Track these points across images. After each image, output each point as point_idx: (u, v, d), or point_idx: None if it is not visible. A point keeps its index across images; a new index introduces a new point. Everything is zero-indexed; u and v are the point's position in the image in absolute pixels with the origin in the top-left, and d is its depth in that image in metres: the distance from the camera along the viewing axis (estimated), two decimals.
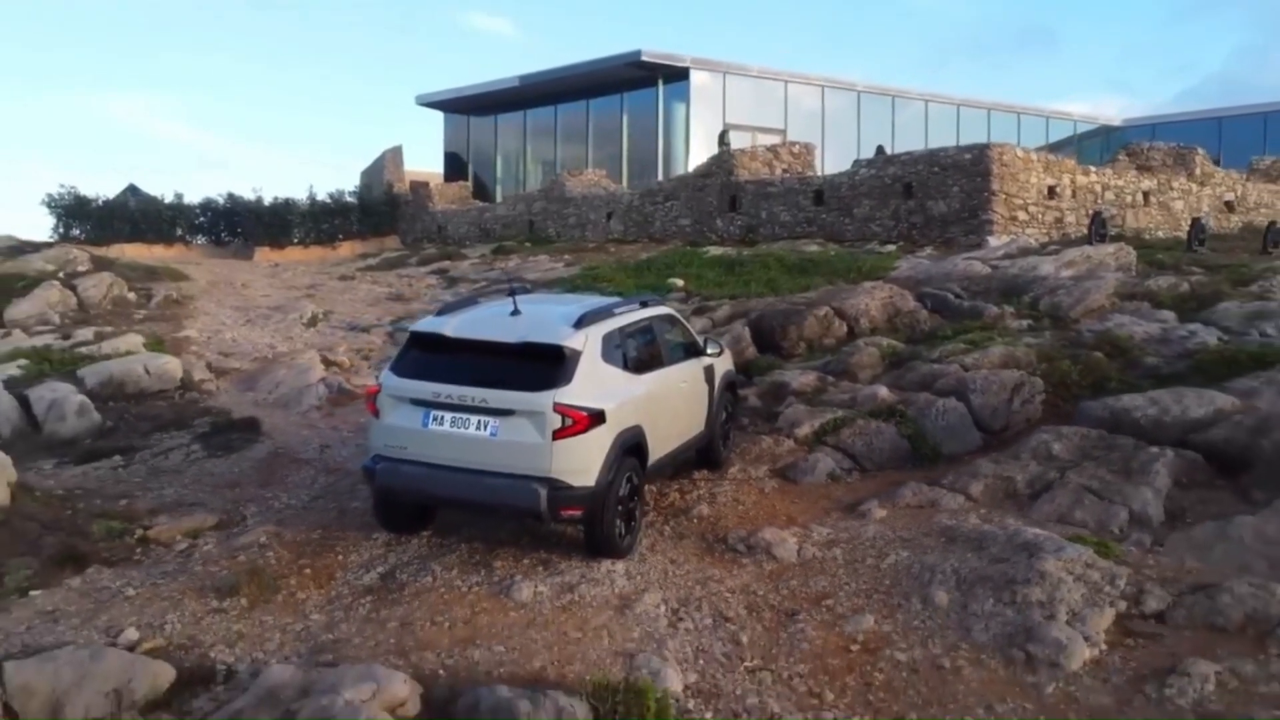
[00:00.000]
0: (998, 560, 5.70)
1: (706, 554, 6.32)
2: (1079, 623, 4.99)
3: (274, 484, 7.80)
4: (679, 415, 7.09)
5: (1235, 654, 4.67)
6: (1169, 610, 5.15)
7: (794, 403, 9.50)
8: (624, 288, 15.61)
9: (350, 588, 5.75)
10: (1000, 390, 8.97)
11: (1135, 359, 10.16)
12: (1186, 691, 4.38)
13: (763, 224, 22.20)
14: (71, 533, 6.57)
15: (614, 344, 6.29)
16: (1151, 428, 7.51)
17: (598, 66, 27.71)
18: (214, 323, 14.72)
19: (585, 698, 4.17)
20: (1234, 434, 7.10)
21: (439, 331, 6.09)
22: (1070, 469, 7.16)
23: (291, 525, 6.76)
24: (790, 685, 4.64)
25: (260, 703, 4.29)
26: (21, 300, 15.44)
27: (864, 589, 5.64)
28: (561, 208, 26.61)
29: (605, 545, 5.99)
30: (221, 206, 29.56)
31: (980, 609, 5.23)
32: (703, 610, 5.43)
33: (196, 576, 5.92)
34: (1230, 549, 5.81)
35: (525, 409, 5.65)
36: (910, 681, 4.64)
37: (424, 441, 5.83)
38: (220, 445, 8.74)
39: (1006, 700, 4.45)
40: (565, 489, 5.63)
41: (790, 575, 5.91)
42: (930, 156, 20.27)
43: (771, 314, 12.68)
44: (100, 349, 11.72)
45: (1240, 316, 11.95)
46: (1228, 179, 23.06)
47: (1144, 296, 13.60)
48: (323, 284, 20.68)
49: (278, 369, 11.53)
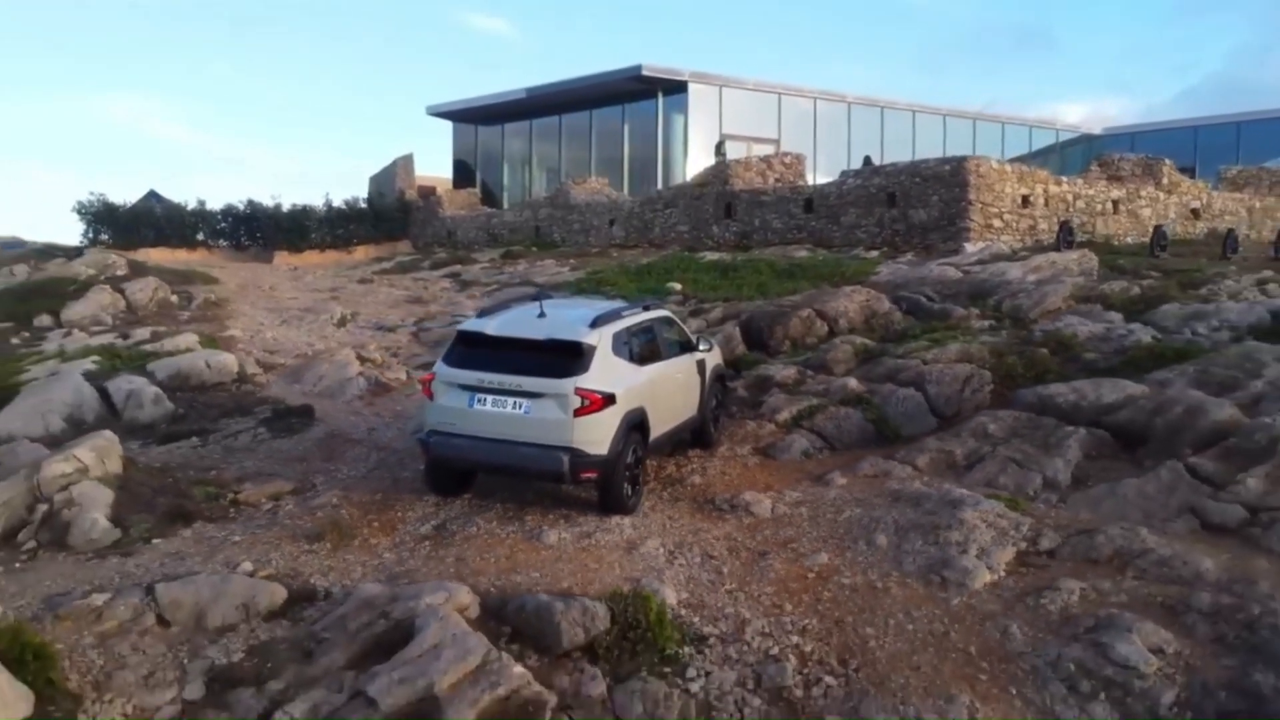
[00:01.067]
0: (929, 513, 7.12)
1: (697, 512, 7.75)
2: (985, 556, 6.42)
3: (334, 459, 9.24)
4: (675, 400, 8.52)
5: (1100, 576, 6.11)
6: (1058, 548, 6.59)
7: (776, 392, 10.93)
8: (626, 291, 17.03)
9: (411, 535, 7.19)
10: (953, 381, 10.41)
11: (1076, 355, 11.59)
12: (1056, 601, 5.80)
13: (756, 230, 23.63)
14: (176, 495, 8.00)
15: (622, 341, 7.72)
16: (1071, 411, 8.95)
17: (600, 79, 29.17)
18: (253, 323, 16.15)
19: (604, 602, 5.59)
20: (1135, 415, 8.55)
21: (481, 330, 7.53)
22: (1001, 444, 8.60)
23: (355, 490, 8.20)
24: (759, 600, 6.06)
25: (359, 609, 5.71)
26: (76, 302, 16.89)
27: (822, 536, 7.07)
28: (566, 214, 28.04)
29: (615, 503, 7.42)
30: (242, 212, 31.02)
31: (911, 548, 6.66)
32: (693, 551, 6.86)
33: (286, 528, 7.34)
34: (1116, 504, 7.24)
35: (552, 392, 7.08)
36: (851, 597, 6.07)
37: (470, 419, 7.26)
38: (282, 428, 10.18)
39: (922, 609, 5.88)
40: (584, 456, 7.06)
41: (764, 527, 7.34)
42: (912, 168, 21.71)
43: (760, 315, 14.11)
44: (162, 347, 13.16)
45: (1178, 317, 13.39)
46: (1194, 188, 24.49)
47: (1097, 299, 15.03)
48: (344, 287, 22.11)
49: (319, 364, 12.96)
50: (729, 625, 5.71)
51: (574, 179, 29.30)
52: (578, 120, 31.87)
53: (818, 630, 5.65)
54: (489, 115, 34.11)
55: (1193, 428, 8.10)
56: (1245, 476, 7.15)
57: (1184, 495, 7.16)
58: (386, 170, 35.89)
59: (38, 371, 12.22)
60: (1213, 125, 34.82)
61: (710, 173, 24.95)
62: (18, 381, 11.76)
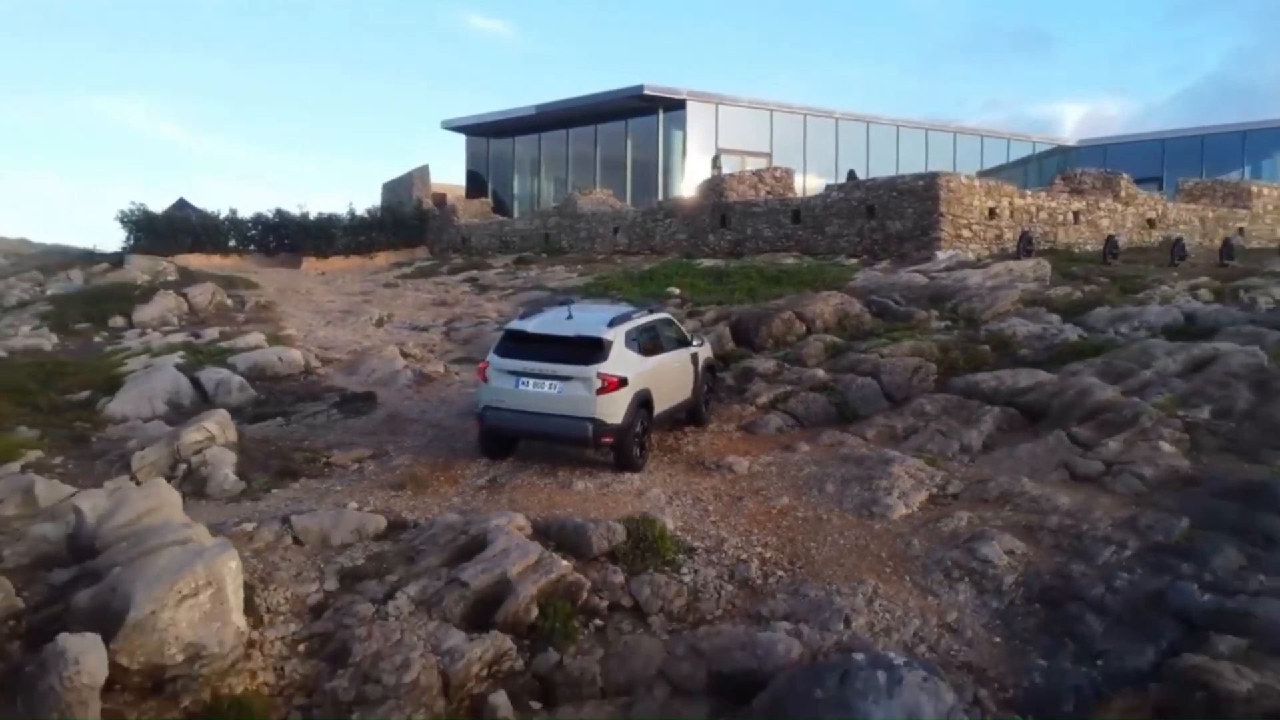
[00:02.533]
0: (868, 469, 9.31)
1: (691, 470, 9.94)
2: (904, 497, 8.61)
3: (398, 434, 11.43)
4: (673, 385, 10.71)
5: (985, 510, 8.29)
6: (960, 492, 8.78)
7: (758, 381, 13.12)
8: (631, 295, 19.21)
9: (471, 486, 9.38)
10: (904, 372, 12.59)
11: (1012, 350, 13.78)
12: (949, 525, 7.99)
13: (749, 239, 25.83)
14: (282, 459, 10.19)
15: (632, 337, 9.90)
16: (991, 394, 11.14)
17: (605, 97, 31.40)
18: (304, 324, 18.34)
19: (622, 524, 7.77)
20: (1040, 397, 10.75)
21: (524, 329, 9.73)
22: (933, 420, 10.79)
23: (422, 455, 10.39)
24: (734, 527, 8.24)
25: (444, 530, 7.88)
26: (144, 306, 19.08)
27: (785, 486, 9.26)
28: (573, 223, 30.25)
29: (627, 462, 9.61)
30: (271, 220, 33.25)
31: (850, 493, 8.85)
32: (687, 496, 9.04)
33: (373, 481, 9.54)
34: (1012, 462, 9.43)
35: (579, 376, 9.26)
36: (801, 525, 8.25)
37: (515, 397, 9.45)
38: (351, 410, 12.37)
39: (852, 531, 8.06)
40: (603, 425, 9.24)
41: (741, 480, 9.53)
42: (889, 183, 23.92)
43: (748, 316, 16.30)
44: (235, 344, 15.35)
45: (1106, 319, 15.58)
46: (1149, 199, 26.69)
47: (1042, 303, 17.22)
48: (374, 291, 24.31)
49: (370, 359, 15.15)
50: (711, 542, 7.90)
51: (580, 189, 31.51)
52: (583, 134, 34.11)
53: (775, 545, 7.84)
54: (500, 129, 36.36)
55: (1080, 405, 10.31)
56: (1109, 440, 9.36)
57: (1062, 455, 9.36)
58: (402, 179, 38.10)
59: (134, 365, 14.42)
60: (1179, 138, 37.03)
61: (707, 186, 27.15)
62: (120, 373, 13.96)
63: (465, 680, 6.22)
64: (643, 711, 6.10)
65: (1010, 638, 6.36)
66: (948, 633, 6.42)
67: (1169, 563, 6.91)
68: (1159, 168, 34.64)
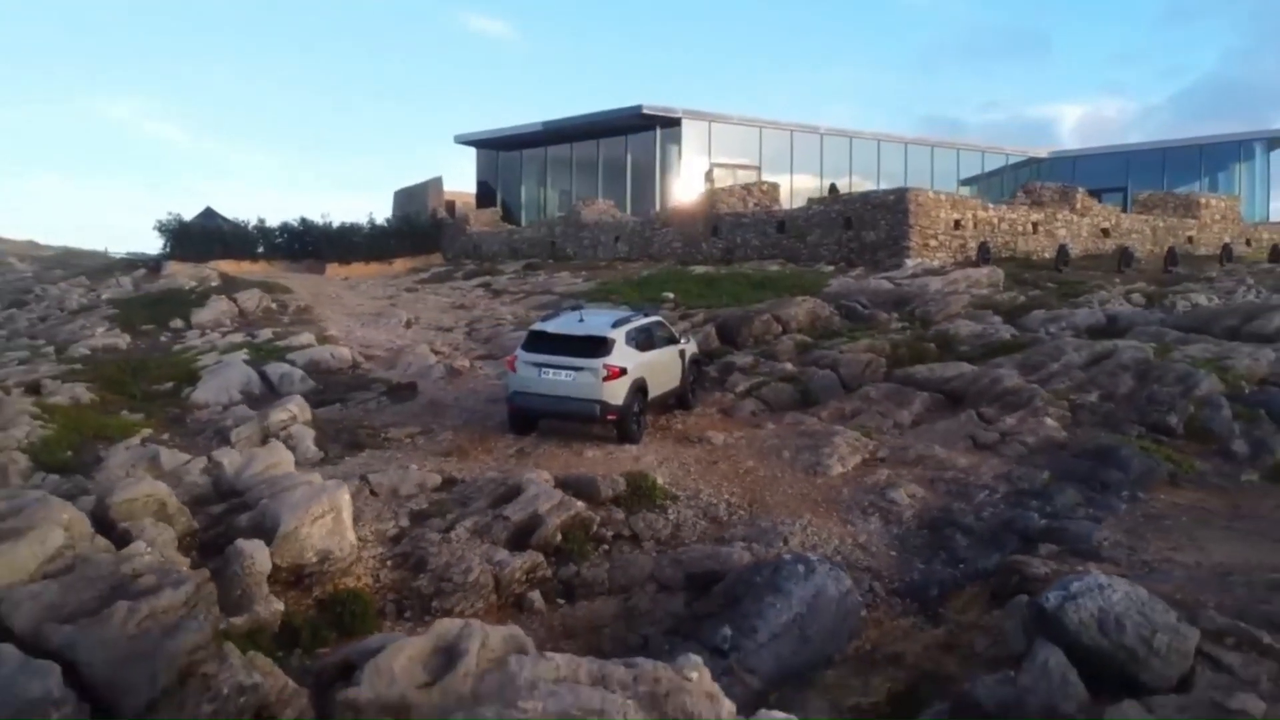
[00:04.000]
0: (817, 440, 11.78)
1: (678, 443, 12.41)
2: (842, 461, 11.07)
3: (439, 416, 13.90)
4: (664, 375, 13.17)
5: (902, 468, 10.76)
6: (886, 457, 11.25)
7: (737, 374, 15.58)
8: (630, 299, 21.65)
9: (504, 454, 11.85)
10: (858, 365, 15.06)
11: (954, 347, 16.24)
12: (872, 478, 10.45)
13: (738, 247, 28.31)
14: (349, 434, 12.67)
15: (631, 336, 12.37)
16: (924, 382, 13.62)
17: (606, 116, 33.90)
18: (342, 326, 20.82)
19: (623, 478, 10.24)
20: (961, 384, 13.23)
21: (544, 329, 12.21)
22: (875, 404, 13.27)
23: (461, 432, 12.86)
24: (709, 483, 10.71)
25: (488, 482, 10.35)
26: (200, 309, 21.56)
27: (752, 453, 11.72)
28: (577, 231, 32.74)
29: (627, 435, 12.07)
30: (296, 229, 35.73)
31: (801, 458, 11.31)
32: (674, 462, 11.50)
33: (425, 451, 12.01)
34: (931, 435, 11.91)
35: (589, 367, 11.72)
36: (761, 481, 10.72)
37: (538, 383, 11.92)
38: (397, 398, 14.85)
39: (799, 484, 10.52)
40: (608, 405, 11.70)
41: (718, 450, 11.99)
42: (864, 197, 26.42)
43: (731, 318, 18.78)
44: (290, 343, 17.82)
45: (1041, 320, 18.07)
46: (1104, 210, 29.17)
47: (990, 306, 19.71)
48: (397, 296, 26.79)
49: (406, 355, 17.63)
50: (691, 492, 10.37)
51: (584, 200, 34.01)
52: (586, 149, 36.62)
53: (739, 494, 10.32)
54: (509, 143, 38.88)
55: (991, 391, 12.79)
56: (1006, 417, 11.84)
57: (969, 428, 11.84)
58: (416, 189, 40.63)
59: (206, 360, 16.90)
60: (1142, 151, 39.53)
61: (700, 199, 29.64)
62: (196, 367, 16.44)
63: (510, 582, 8.69)
64: (638, 603, 8.56)
65: (902, 551, 8.84)
66: (858, 548, 8.89)
67: (1025, 501, 9.39)
68: (1124, 179, 37.07)
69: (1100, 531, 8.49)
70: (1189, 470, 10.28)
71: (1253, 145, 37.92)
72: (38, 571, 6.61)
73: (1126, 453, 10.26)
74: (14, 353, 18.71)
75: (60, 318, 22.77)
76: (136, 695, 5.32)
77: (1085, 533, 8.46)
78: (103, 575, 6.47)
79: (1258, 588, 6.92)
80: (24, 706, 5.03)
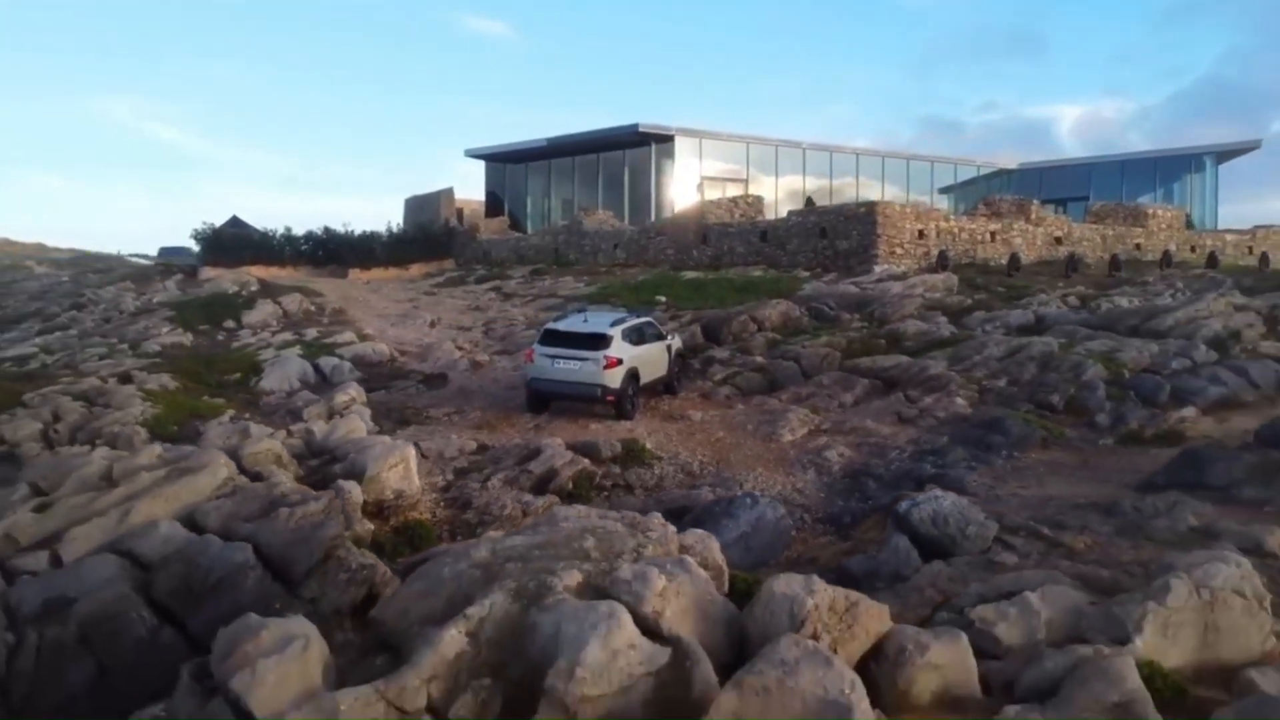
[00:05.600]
0: (775, 416, 14.72)
1: (665, 420, 15.35)
2: (792, 431, 14.02)
3: (468, 400, 16.83)
4: (653, 365, 16.12)
5: (839, 436, 13.70)
6: (828, 429, 14.19)
7: (715, 366, 18.52)
8: (628, 301, 24.59)
9: (524, 428, 14.79)
10: (816, 358, 18.00)
11: (900, 343, 19.18)
12: (813, 444, 13.40)
13: (725, 254, 31.25)
14: (398, 413, 15.61)
15: (626, 333, 15.31)
16: (866, 371, 16.57)
17: (605, 133, 36.89)
18: (375, 326, 23.76)
19: (620, 442, 13.19)
20: (895, 372, 16.18)
21: (556, 328, 15.17)
22: (826, 389, 16.21)
23: (488, 412, 15.80)
24: (687, 448, 13.65)
25: (514, 447, 13.29)
26: (249, 311, 24.50)
27: (723, 427, 14.67)
28: (579, 239, 35.68)
29: (623, 414, 15.02)
30: (320, 236, 38.69)
31: (761, 430, 14.25)
32: (660, 433, 14.44)
33: (461, 425, 14.95)
34: (867, 411, 14.85)
35: (592, 358, 14.67)
36: (728, 446, 13.66)
37: (552, 371, 14.86)
38: (431, 386, 17.78)
39: (757, 448, 13.46)
40: (608, 388, 14.65)
41: (696, 425, 14.93)
42: (838, 209, 29.36)
43: (714, 319, 21.72)
44: (335, 341, 20.75)
45: (980, 320, 21.00)
46: (1057, 221, 32.10)
47: (940, 308, 22.63)
48: (417, 299, 29.72)
49: (434, 351, 20.57)
50: (672, 454, 13.30)
51: (585, 210, 36.96)
52: (588, 162, 39.61)
53: (710, 455, 13.26)
54: (515, 157, 41.87)
55: (919, 377, 15.74)
56: (926, 397, 14.79)
57: (896, 406, 14.79)
58: (428, 198, 43.63)
59: (266, 355, 19.83)
60: (1103, 163, 42.52)
61: (691, 210, 32.58)
62: (258, 361, 19.37)
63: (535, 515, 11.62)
64: None
65: (828, 494, 11.78)
66: (795, 492, 11.83)
67: (925, 458, 12.34)
68: (1086, 189, 40.02)
69: (972, 476, 11.44)
70: (1059, 436, 13.23)
71: (1203, 159, 40.88)
72: (213, 494, 9.62)
73: (1009, 423, 13.21)
74: (93, 349, 21.64)
75: (122, 319, 25.70)
76: (300, 565, 8.21)
77: (961, 477, 11.40)
78: (259, 495, 9.43)
79: (1064, 508, 9.89)
80: (232, 569, 7.95)
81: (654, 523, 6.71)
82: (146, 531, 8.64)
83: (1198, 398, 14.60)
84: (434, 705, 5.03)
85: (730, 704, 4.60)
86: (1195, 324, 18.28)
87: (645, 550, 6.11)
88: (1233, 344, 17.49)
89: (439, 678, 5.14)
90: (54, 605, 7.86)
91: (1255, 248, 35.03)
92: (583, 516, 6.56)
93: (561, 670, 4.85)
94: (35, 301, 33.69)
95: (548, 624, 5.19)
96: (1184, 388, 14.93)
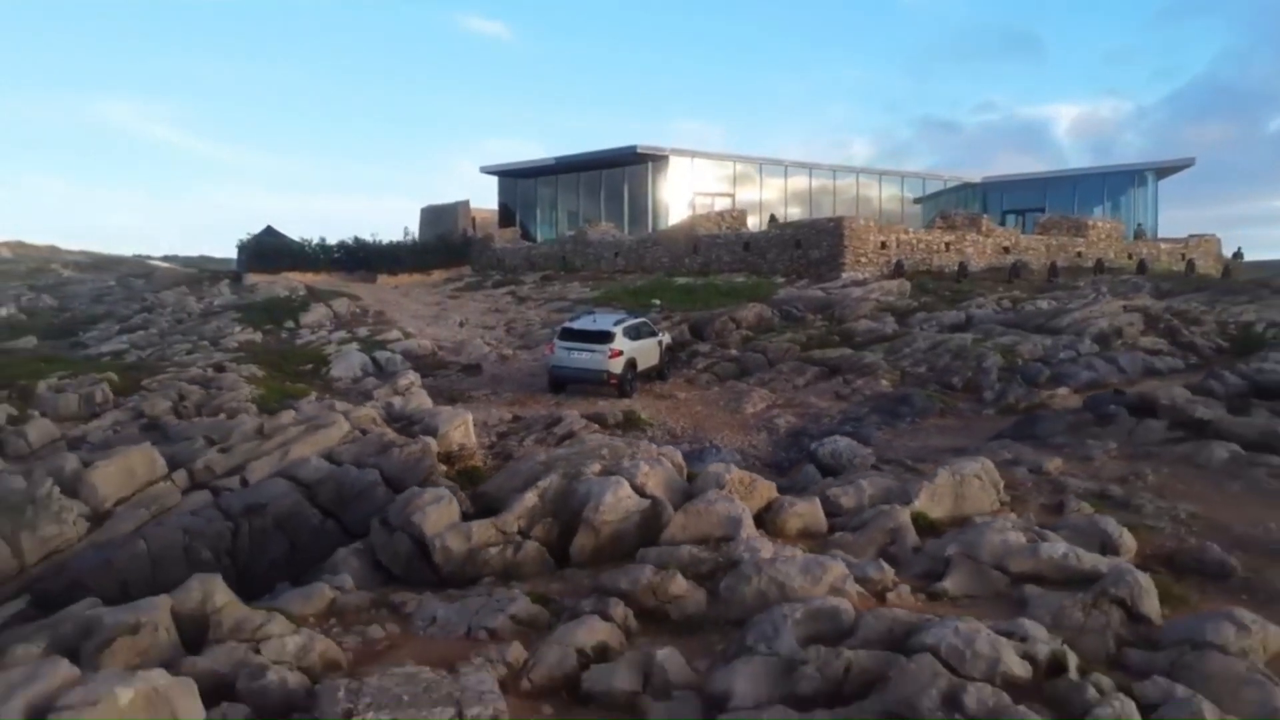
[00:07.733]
0: (741, 395, 18.99)
1: (656, 399, 19.62)
2: (754, 405, 18.28)
3: (500, 385, 21.09)
4: (648, 356, 20.39)
5: (789, 409, 17.97)
6: (781, 405, 18.46)
7: (699, 358, 22.79)
8: (627, 304, 28.83)
9: (547, 403, 19.07)
10: (779, 351, 22.27)
11: (852, 339, 23.44)
12: (769, 415, 17.66)
13: (713, 262, 35.51)
14: (447, 394, 19.87)
15: (626, 331, 19.58)
16: (818, 360, 20.85)
17: (607, 153, 41.22)
18: (414, 325, 28.01)
19: (622, 412, 17.45)
20: (839, 361, 20.44)
21: (571, 326, 19.47)
22: (784, 375, 20.48)
23: (518, 394, 20.07)
24: (673, 417, 17.89)
25: (540, 418, 17.55)
26: (305, 313, 28.72)
27: (701, 403, 18.94)
28: (584, 247, 39.94)
29: (624, 394, 19.30)
30: (351, 245, 42.94)
31: (730, 405, 18.52)
32: (652, 408, 18.70)
33: (496, 402, 19.22)
34: (814, 391, 19.12)
35: (599, 349, 18.94)
36: (703, 416, 17.93)
37: (568, 360, 19.15)
38: (468, 374, 22.04)
39: (725, 417, 17.73)
40: (612, 374, 18.93)
41: (680, 401, 19.20)
42: (811, 224, 33.62)
43: (700, 319, 25.99)
44: (385, 338, 24.98)
45: (920, 319, 25.25)
46: (1005, 233, 36.34)
47: (890, 309, 26.87)
48: (443, 302, 33.96)
49: (467, 346, 24.82)
50: (661, 422, 17.56)
51: (589, 222, 41.24)
52: (591, 178, 43.93)
53: (689, 423, 17.52)
54: (526, 173, 46.19)
55: (856, 365, 20.01)
56: (857, 379, 19.07)
57: (836, 387, 19.06)
58: (446, 208, 47.91)
59: (329, 350, 24.08)
60: (1058, 178, 46.82)
61: (683, 223, 36.84)
62: (324, 354, 23.63)
63: None
64: None
65: (775, 448, 16.02)
66: (750, 447, 16.07)
67: (849, 422, 16.60)
68: (1042, 201, 44.26)
69: (878, 434, 15.71)
70: (952, 407, 17.50)
71: (1145, 174, 45.10)
72: (339, 442, 13.87)
73: (916, 397, 17.47)
74: (179, 345, 25.89)
75: (193, 320, 29.92)
76: (410, 484, 12.43)
77: (869, 434, 15.65)
78: (375, 441, 13.68)
79: (933, 451, 14.14)
80: (367, 485, 12.19)
81: (643, 442, 10.97)
82: (303, 464, 12.86)
83: (1072, 380, 18.82)
84: (521, 530, 9.28)
85: (679, 519, 8.85)
86: (1088, 322, 22.51)
87: (637, 456, 10.38)
88: (1114, 339, 21.73)
89: (522, 517, 9.39)
90: (252, 508, 12.10)
91: (1187, 254, 39.26)
92: (601, 438, 10.82)
93: (590, 509, 9.09)
94: (97, 305, 37.90)
95: (582, 489, 9.44)
96: (1062, 372, 19.16)
